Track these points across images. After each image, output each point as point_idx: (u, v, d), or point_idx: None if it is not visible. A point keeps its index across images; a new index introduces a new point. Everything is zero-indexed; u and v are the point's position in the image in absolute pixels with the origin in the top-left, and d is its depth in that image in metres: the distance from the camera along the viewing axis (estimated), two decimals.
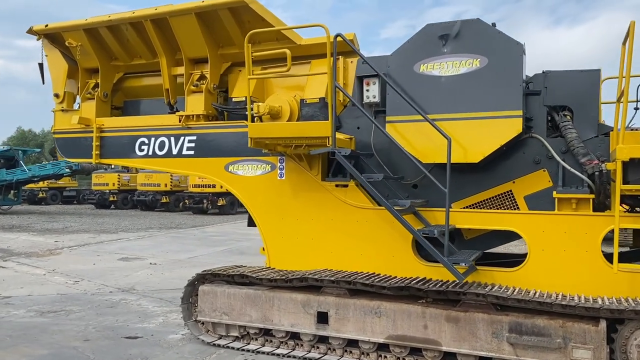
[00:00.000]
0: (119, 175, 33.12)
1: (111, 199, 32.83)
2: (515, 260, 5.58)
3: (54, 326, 6.51)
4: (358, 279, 5.16)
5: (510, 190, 5.38)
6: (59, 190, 37.49)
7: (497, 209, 5.39)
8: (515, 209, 5.33)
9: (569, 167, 5.01)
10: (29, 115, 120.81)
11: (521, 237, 5.24)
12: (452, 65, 5.19)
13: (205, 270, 5.93)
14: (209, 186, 28.22)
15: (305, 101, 6.01)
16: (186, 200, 28.84)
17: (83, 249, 14.11)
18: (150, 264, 11.69)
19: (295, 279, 5.37)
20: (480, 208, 5.46)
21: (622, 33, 4.58)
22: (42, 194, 36.27)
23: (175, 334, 6.21)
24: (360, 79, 5.77)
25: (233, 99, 6.49)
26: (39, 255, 12.69)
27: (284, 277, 5.42)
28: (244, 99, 6.39)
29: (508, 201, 5.38)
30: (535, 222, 5.07)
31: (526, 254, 5.16)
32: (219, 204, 28.14)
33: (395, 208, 5.03)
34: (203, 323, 5.92)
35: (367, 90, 5.69)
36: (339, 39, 5.21)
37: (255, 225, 6.96)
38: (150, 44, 6.88)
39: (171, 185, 30.88)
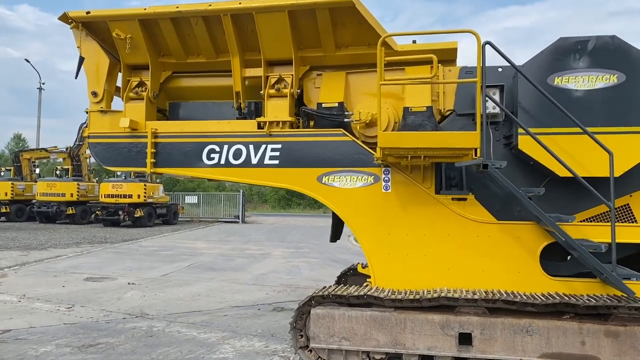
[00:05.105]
0: (12, 183, 29.69)
1: (3, 210, 29.28)
2: None
3: None
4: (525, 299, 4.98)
5: (628, 204, 5.48)
6: None
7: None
8: (632, 222, 5.45)
9: None
10: None
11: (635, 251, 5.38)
12: (588, 79, 5.20)
13: (317, 293, 5.37)
14: (125, 196, 26.28)
15: (410, 109, 5.71)
16: (98, 212, 26.52)
17: (27, 268, 12.34)
18: (129, 284, 10.51)
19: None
20: (597, 221, 5.51)
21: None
22: None
23: None
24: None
25: (322, 105, 6.00)
26: None
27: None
28: (336, 104, 5.96)
29: (625, 214, 5.49)
30: None
31: None
32: (136, 216, 26.25)
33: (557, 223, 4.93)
34: (311, 350, 5.36)
35: (487, 101, 5.52)
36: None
37: (336, 241, 6.53)
38: (217, 41, 6.19)
39: (78, 195, 28.21)
